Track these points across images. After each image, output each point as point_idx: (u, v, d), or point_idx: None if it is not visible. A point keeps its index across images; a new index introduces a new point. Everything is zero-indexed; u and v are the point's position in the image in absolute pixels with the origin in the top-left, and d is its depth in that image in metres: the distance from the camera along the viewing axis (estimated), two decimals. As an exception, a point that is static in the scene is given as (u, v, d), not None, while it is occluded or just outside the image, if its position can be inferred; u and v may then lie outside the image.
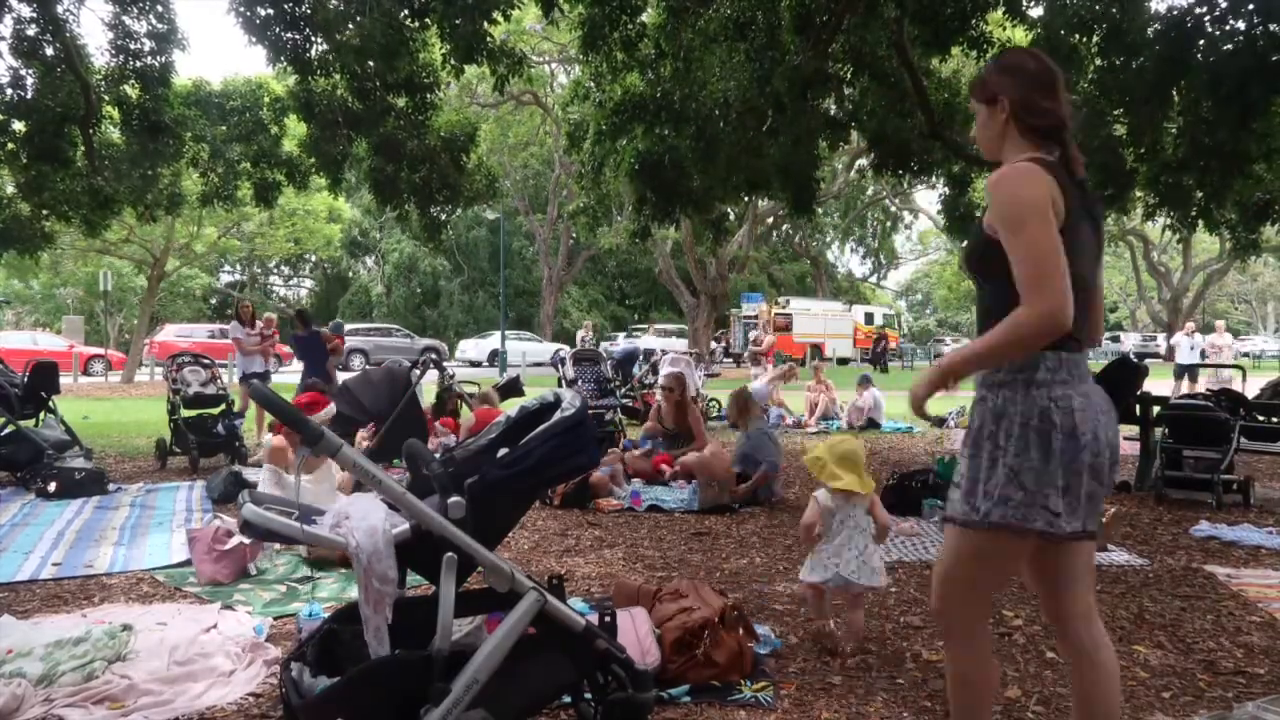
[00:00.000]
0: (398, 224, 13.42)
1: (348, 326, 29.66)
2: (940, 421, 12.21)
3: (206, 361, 8.73)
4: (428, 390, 9.36)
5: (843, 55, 8.77)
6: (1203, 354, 16.67)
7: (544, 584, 2.34)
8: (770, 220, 37.05)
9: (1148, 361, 9.01)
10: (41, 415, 7.76)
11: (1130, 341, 41.60)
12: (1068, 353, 1.91)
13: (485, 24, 8.01)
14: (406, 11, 8.23)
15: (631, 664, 2.44)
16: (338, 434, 2.03)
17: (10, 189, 11.07)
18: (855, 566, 3.27)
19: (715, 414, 11.98)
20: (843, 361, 33.32)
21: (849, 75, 8.96)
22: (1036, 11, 8.72)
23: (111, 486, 6.73)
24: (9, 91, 9.44)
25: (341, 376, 10.61)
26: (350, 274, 45.49)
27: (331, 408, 5.83)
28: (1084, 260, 1.92)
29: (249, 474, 6.60)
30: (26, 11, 9.15)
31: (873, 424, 11.67)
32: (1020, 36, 9.08)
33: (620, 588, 3.57)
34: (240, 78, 12.71)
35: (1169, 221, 8.74)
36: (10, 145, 9.81)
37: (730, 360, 30.56)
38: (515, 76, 9.02)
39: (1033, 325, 1.79)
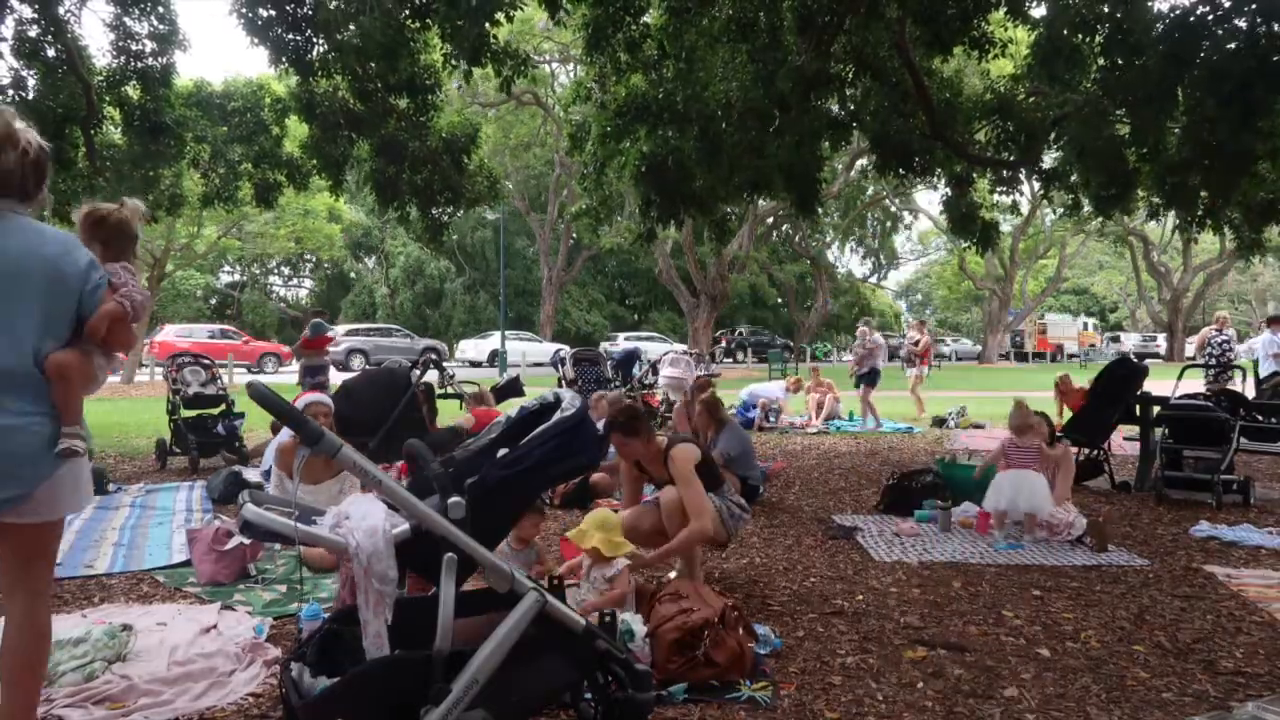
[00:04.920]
0: (400, 225, 13.42)
1: (348, 327, 29.72)
2: (940, 421, 12.22)
3: (206, 361, 8.75)
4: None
5: (845, 56, 8.76)
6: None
7: (544, 584, 2.35)
8: (770, 220, 37.06)
9: (1148, 362, 9.01)
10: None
11: (1130, 342, 41.63)
12: None
13: (489, 25, 8.01)
14: (407, 12, 8.24)
15: (631, 664, 2.44)
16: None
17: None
18: None
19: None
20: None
21: (851, 76, 8.95)
22: (1039, 11, 8.72)
23: (111, 486, 6.73)
24: (10, 92, 9.44)
25: (341, 376, 10.62)
26: (352, 275, 45.51)
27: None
28: None
29: (249, 474, 6.61)
30: (28, 12, 9.16)
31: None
32: (1022, 37, 9.08)
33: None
34: (241, 78, 12.73)
35: (1177, 221, 8.73)
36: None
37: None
38: (519, 78, 9.02)
39: None
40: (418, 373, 7.82)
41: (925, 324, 15.18)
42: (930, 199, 75.29)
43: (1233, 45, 6.82)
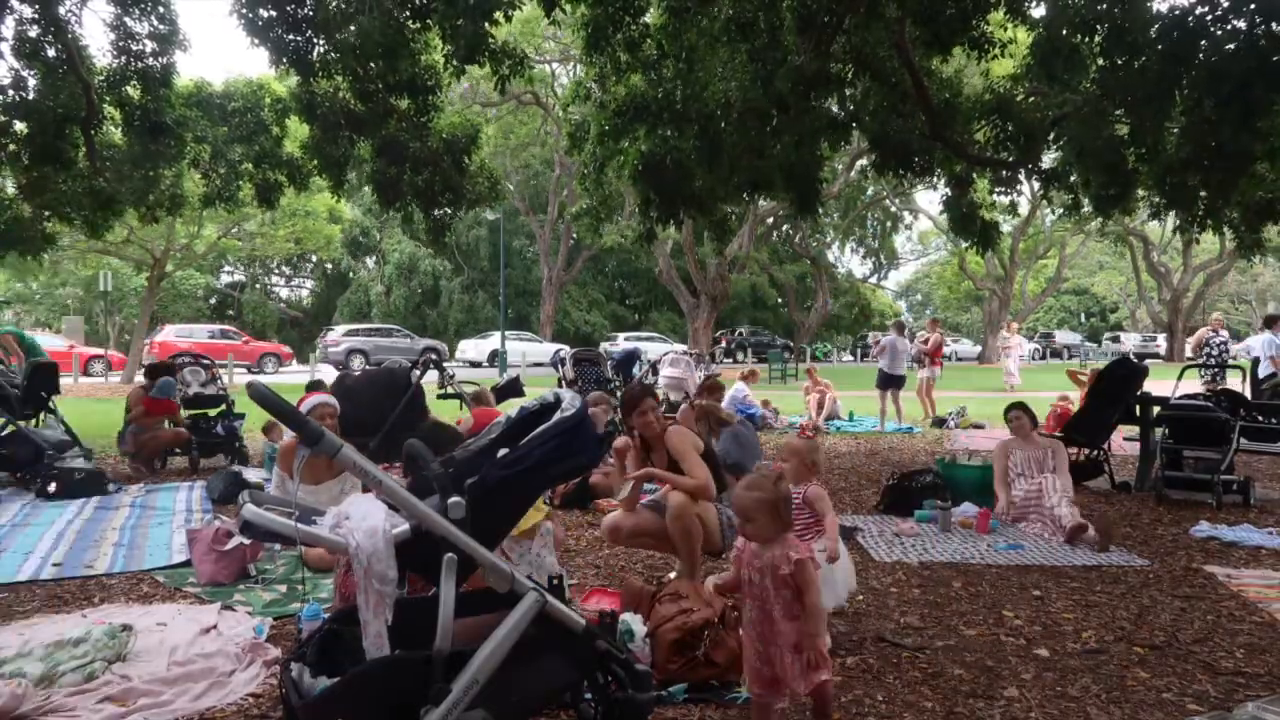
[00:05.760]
0: (400, 224, 13.44)
1: (347, 327, 29.67)
2: (940, 421, 12.22)
3: (206, 362, 8.75)
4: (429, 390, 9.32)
5: (844, 56, 8.75)
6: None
7: (544, 584, 2.35)
8: (770, 220, 37.03)
9: (1148, 362, 9.01)
10: (42, 416, 7.76)
11: (1130, 342, 41.63)
12: None
13: (486, 24, 8.01)
14: (408, 12, 8.24)
15: (631, 664, 2.44)
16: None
17: (12, 190, 11.08)
18: None
19: None
20: None
21: (850, 76, 8.95)
22: (1038, 11, 8.72)
23: (111, 487, 6.72)
24: (10, 93, 9.44)
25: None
26: (351, 274, 45.52)
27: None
28: None
29: (249, 474, 6.62)
30: (28, 12, 9.16)
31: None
32: (1022, 37, 9.07)
33: (628, 588, 3.57)
34: (242, 79, 12.72)
35: (1178, 222, 8.72)
36: (12, 146, 9.80)
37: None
38: (516, 78, 9.02)
39: None
40: (418, 373, 7.81)
41: (938, 322, 14.96)
42: (930, 199, 75.31)
43: (1232, 45, 6.81)
